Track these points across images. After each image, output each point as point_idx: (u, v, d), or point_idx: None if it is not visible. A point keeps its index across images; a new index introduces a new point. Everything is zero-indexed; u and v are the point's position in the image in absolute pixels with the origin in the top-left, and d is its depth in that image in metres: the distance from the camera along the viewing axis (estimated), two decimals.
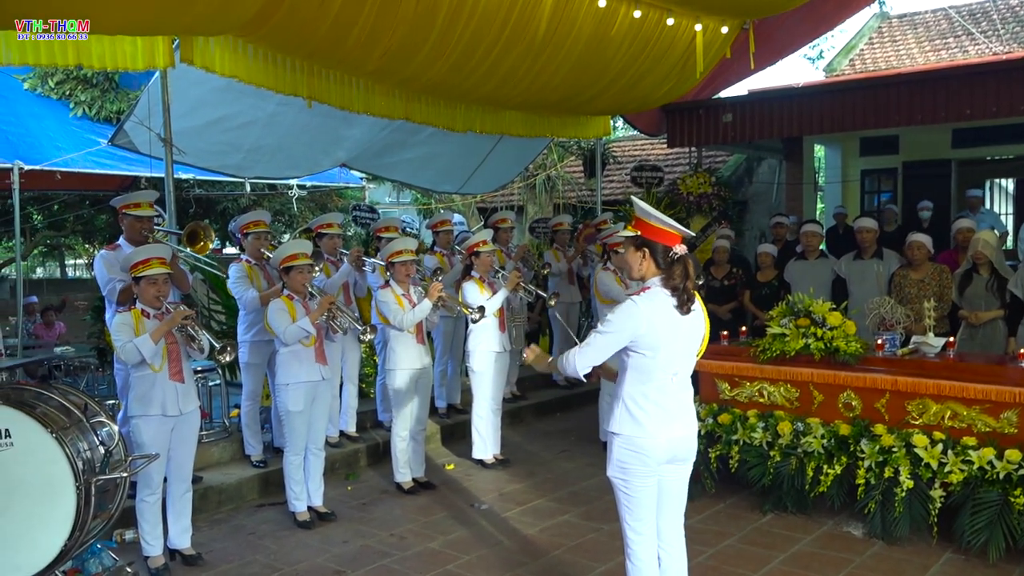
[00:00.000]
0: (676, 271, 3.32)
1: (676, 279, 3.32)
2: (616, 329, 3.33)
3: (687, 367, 3.47)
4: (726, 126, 10.29)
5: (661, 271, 3.36)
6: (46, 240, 18.98)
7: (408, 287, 6.11)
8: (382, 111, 7.67)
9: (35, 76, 11.00)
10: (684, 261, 3.32)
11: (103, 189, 12.03)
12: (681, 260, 3.32)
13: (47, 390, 4.55)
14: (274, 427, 6.56)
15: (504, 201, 16.43)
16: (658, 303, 3.33)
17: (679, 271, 3.32)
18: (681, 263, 3.32)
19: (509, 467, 6.85)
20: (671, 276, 3.33)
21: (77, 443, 4.26)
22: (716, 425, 5.86)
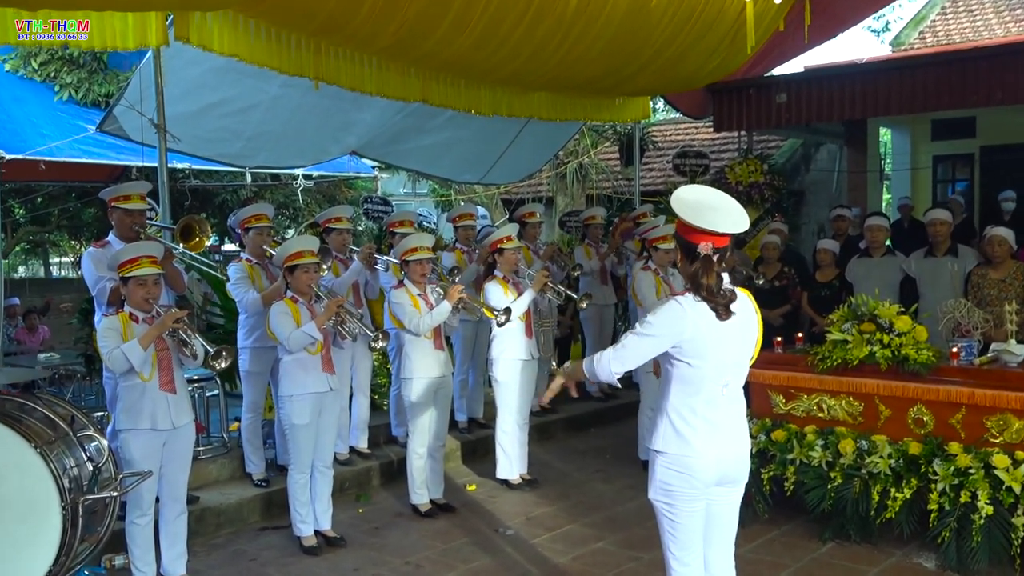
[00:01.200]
0: (697, 273, 3.29)
1: (699, 282, 3.29)
2: (657, 332, 3.31)
3: (738, 377, 3.44)
4: (780, 107, 10.21)
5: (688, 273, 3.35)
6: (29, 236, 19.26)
7: (425, 288, 6.12)
8: (396, 92, 7.70)
9: (17, 56, 11.16)
10: (707, 263, 3.29)
11: (91, 180, 12.18)
12: (703, 261, 3.29)
13: (30, 401, 4.61)
14: (277, 442, 6.60)
15: (531, 192, 16.42)
16: (704, 305, 3.32)
17: (701, 273, 3.28)
18: (702, 265, 3.29)
19: (538, 488, 6.85)
20: (694, 279, 3.31)
21: (63, 459, 4.31)
22: (769, 442, 5.80)
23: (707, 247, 3.29)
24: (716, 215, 3.30)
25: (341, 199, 16.81)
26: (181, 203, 12.53)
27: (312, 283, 5.54)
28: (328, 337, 5.54)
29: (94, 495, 4.32)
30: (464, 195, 17.13)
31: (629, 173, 13.70)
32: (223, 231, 14.85)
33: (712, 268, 3.29)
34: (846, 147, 13.33)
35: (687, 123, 16.85)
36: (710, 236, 3.29)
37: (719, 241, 3.31)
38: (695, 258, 3.31)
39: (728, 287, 3.31)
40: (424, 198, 19.49)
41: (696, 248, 3.31)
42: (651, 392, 6.66)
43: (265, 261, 6.42)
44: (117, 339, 4.68)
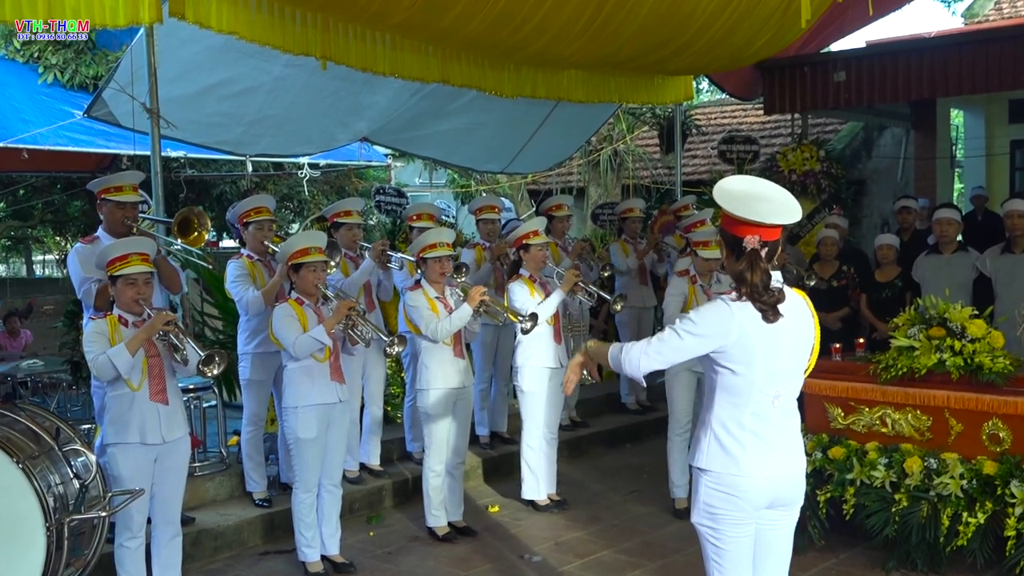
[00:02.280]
0: (742, 270, 3.28)
1: (745, 281, 3.27)
2: (699, 332, 3.30)
3: (791, 388, 3.42)
4: (838, 87, 10.14)
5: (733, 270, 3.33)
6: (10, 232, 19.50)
7: (443, 288, 6.14)
8: (412, 72, 7.71)
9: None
10: (753, 258, 3.27)
11: (78, 170, 12.32)
12: (749, 256, 3.28)
13: (12, 412, 4.67)
14: (281, 458, 6.64)
15: (561, 182, 16.41)
16: (752, 306, 3.30)
17: (747, 269, 3.27)
18: (748, 260, 3.28)
19: (567, 510, 6.84)
20: (739, 277, 3.29)
21: (48, 475, 4.36)
22: (826, 461, 5.76)
23: (754, 240, 3.28)
24: (764, 205, 3.29)
25: (351, 191, 16.90)
26: (176, 195, 12.67)
27: (319, 283, 5.56)
28: (337, 343, 5.57)
29: (81, 515, 4.36)
30: (486, 186, 17.16)
31: (670, 161, 13.65)
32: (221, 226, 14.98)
33: (759, 264, 3.27)
34: (913, 131, 13.21)
35: (734, 105, 16.76)
36: (757, 228, 3.27)
37: (767, 234, 3.29)
38: (741, 254, 3.30)
39: (777, 285, 3.29)
40: (442, 189, 19.53)
41: (742, 242, 3.30)
42: (681, 412, 6.62)
43: (267, 258, 6.46)
44: (104, 344, 4.72)
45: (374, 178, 18.27)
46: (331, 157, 12.77)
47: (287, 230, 15.38)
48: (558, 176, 16.30)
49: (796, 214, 3.31)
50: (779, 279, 3.33)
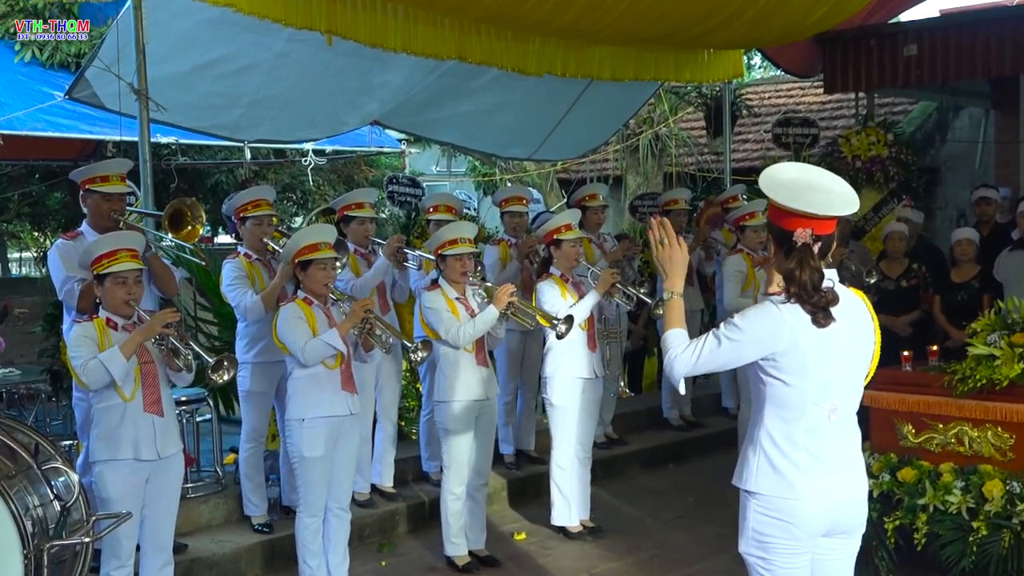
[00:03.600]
0: (791, 267, 3.28)
1: (794, 279, 3.27)
2: (745, 337, 3.31)
3: (850, 401, 3.43)
4: (908, 62, 10.08)
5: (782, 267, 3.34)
6: None
7: (465, 289, 6.16)
8: (427, 48, 7.74)
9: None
10: (803, 254, 3.27)
11: (58, 158, 12.43)
12: (800, 251, 3.28)
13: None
14: (283, 479, 6.68)
15: (595, 170, 16.40)
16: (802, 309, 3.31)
17: (796, 266, 3.27)
18: (798, 257, 3.28)
19: (602, 538, 6.85)
20: (788, 275, 3.29)
21: (25, 497, 4.40)
22: (895, 484, 5.73)
23: (805, 234, 3.28)
24: (817, 195, 3.30)
25: (360, 180, 16.95)
26: (167, 185, 12.76)
27: (328, 282, 5.59)
28: (350, 348, 5.59)
29: (62, 541, 4.40)
30: (511, 174, 17.18)
31: (718, 146, 13.62)
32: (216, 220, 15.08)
33: (810, 260, 3.28)
34: (993, 111, 13.09)
35: (791, 83, 16.67)
36: (809, 220, 3.28)
37: (820, 227, 3.30)
38: (791, 249, 3.30)
39: (829, 286, 3.29)
40: (462, 179, 19.57)
41: (791, 236, 3.30)
42: None
43: (267, 257, 6.50)
44: (92, 349, 4.77)
45: (386, 166, 18.33)
46: (338, 143, 12.82)
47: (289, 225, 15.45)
48: (592, 163, 16.28)
49: (853, 205, 3.32)
50: (832, 278, 3.33)
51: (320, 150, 13.41)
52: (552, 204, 16.23)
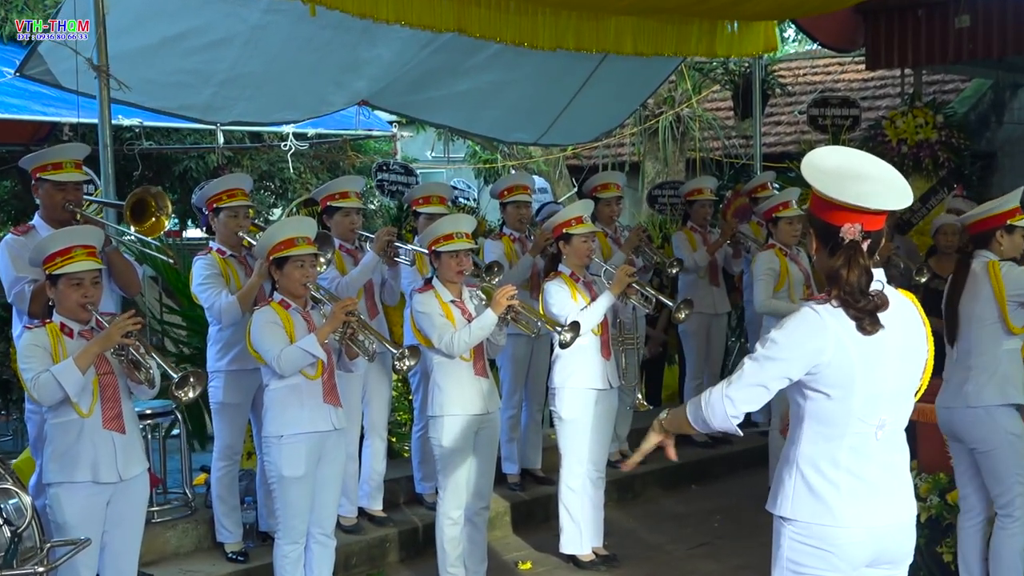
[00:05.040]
0: (838, 267, 3.28)
1: (840, 281, 3.27)
2: (784, 354, 3.31)
3: (899, 415, 3.43)
4: (960, 34, 10.07)
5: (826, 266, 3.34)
6: None
7: (461, 290, 6.16)
8: (422, 19, 7.74)
9: None
10: (852, 252, 3.27)
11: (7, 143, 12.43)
12: (848, 250, 3.28)
13: None
14: (260, 501, 6.69)
15: (610, 156, 16.40)
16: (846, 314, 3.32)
17: (843, 267, 3.27)
18: (845, 255, 3.28)
19: (617, 568, 6.85)
20: (834, 276, 3.29)
21: None
22: (945, 507, 5.73)
23: (854, 230, 3.28)
24: (867, 186, 3.29)
25: (347, 167, 16.94)
26: (129, 173, 12.76)
27: (308, 281, 5.60)
28: (332, 356, 5.60)
29: (13, 570, 4.41)
30: (515, 161, 17.17)
31: (747, 129, 13.59)
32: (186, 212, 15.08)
33: (860, 260, 3.27)
34: None
35: (828, 58, 16.66)
36: (858, 215, 3.28)
37: (870, 222, 3.30)
38: (836, 246, 3.30)
39: (878, 288, 3.30)
40: (460, 166, 19.56)
41: (838, 231, 3.30)
42: None
43: (243, 253, 6.50)
44: (45, 359, 4.77)
45: (376, 151, 18.32)
46: (322, 125, 12.81)
47: (267, 217, 15.47)
48: (606, 148, 16.28)
49: (907, 198, 3.32)
50: (881, 279, 3.33)
51: (301, 134, 13.39)
52: (561, 195, 16.22)
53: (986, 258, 5.34)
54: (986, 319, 5.25)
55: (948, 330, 5.39)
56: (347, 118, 12.47)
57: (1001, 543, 5.20)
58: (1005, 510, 5.21)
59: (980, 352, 5.26)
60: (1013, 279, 5.26)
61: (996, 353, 5.26)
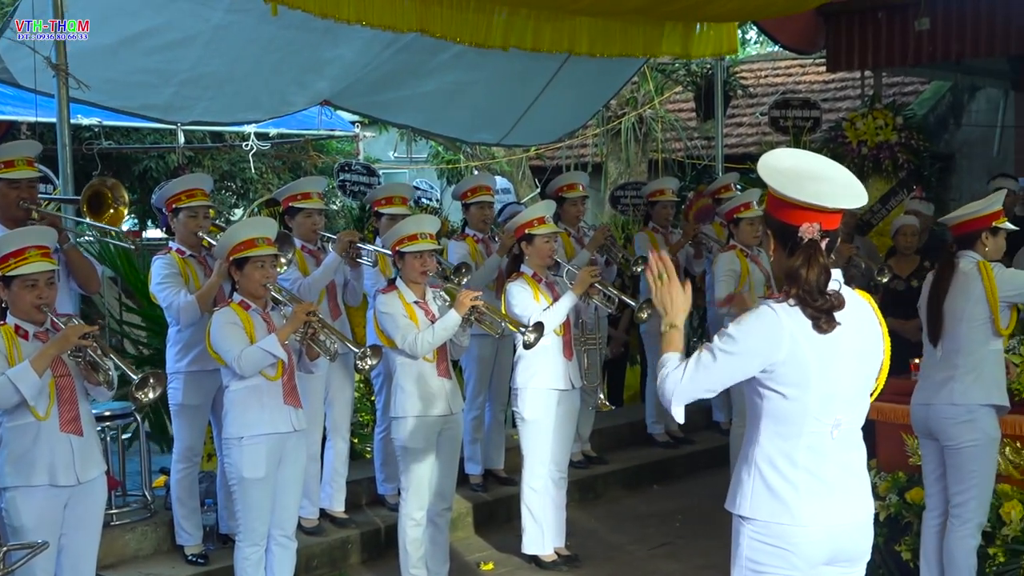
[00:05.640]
0: (797, 266, 3.30)
1: (799, 280, 3.29)
2: (741, 348, 3.33)
3: (856, 414, 3.46)
4: (920, 37, 10.16)
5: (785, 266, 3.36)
6: None
7: (425, 291, 6.15)
8: (383, 19, 7.72)
9: None
10: (811, 251, 3.30)
11: None
12: (807, 248, 3.30)
13: None
14: (220, 503, 6.66)
15: (572, 157, 16.43)
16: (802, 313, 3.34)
17: (802, 265, 3.29)
18: (804, 254, 3.30)
19: (579, 568, 6.86)
20: (793, 275, 3.31)
21: None
22: (903, 506, 5.79)
23: (813, 229, 3.31)
24: (823, 185, 3.33)
25: (309, 167, 16.89)
26: (88, 173, 12.65)
27: (268, 282, 5.58)
28: (293, 357, 5.59)
29: None
30: (479, 161, 17.17)
31: (709, 130, 13.67)
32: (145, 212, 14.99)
33: (819, 259, 3.30)
34: (1013, 92, 13.23)
35: (790, 60, 16.77)
36: (816, 214, 3.30)
37: (828, 221, 3.33)
38: (796, 246, 3.32)
39: (835, 288, 3.32)
40: (423, 166, 19.55)
41: (796, 231, 3.32)
42: None
43: (202, 253, 6.48)
44: (0, 362, 4.73)
45: (338, 152, 18.28)
46: (284, 125, 12.78)
47: (227, 217, 15.39)
48: (569, 149, 16.32)
49: (862, 198, 3.35)
50: (838, 279, 3.35)
51: (263, 133, 13.35)
52: (524, 195, 16.23)
53: (973, 258, 5.36)
54: (977, 318, 5.27)
55: (931, 328, 5.40)
56: (309, 118, 12.45)
57: (955, 544, 5.25)
58: (958, 509, 5.25)
59: (969, 351, 5.27)
60: (1006, 280, 5.29)
61: (983, 353, 5.28)
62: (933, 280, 5.46)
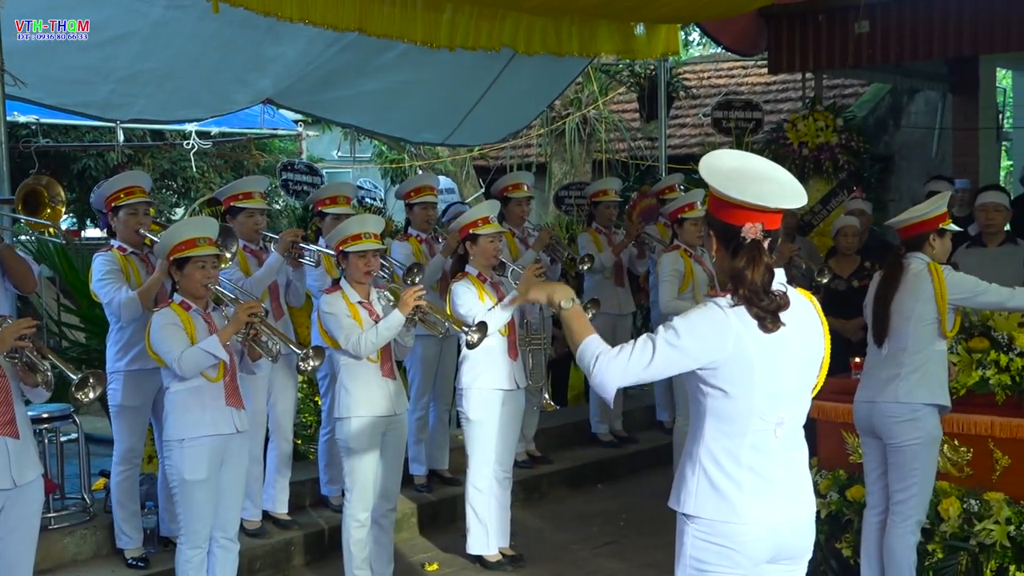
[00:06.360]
0: (741, 267, 3.33)
1: (744, 280, 3.32)
2: (684, 343, 3.34)
3: (798, 413, 3.49)
4: (860, 40, 10.25)
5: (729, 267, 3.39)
6: None
7: (369, 291, 6.14)
8: (325, 18, 7.68)
9: None
10: (754, 251, 3.33)
11: None
12: (750, 249, 3.33)
13: None
14: (162, 506, 6.60)
15: (517, 157, 16.45)
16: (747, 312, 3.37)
17: (747, 265, 3.32)
18: (748, 254, 3.33)
19: (524, 568, 6.87)
20: (736, 275, 3.34)
21: None
22: (844, 504, 5.85)
23: (755, 229, 3.33)
24: (765, 186, 3.35)
25: (251, 167, 16.79)
26: (26, 171, 12.49)
27: (209, 282, 5.54)
28: (235, 358, 5.55)
29: None
30: (423, 161, 17.14)
31: (652, 131, 13.75)
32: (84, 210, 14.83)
33: (762, 259, 3.32)
34: (951, 95, 13.41)
35: (732, 62, 16.90)
36: (758, 214, 3.33)
37: (770, 221, 3.35)
38: (738, 246, 3.35)
39: (780, 287, 3.35)
40: (367, 165, 19.47)
41: (739, 231, 3.34)
42: None
43: (143, 251, 6.43)
44: None
45: (280, 151, 18.17)
46: (225, 124, 12.70)
47: (168, 217, 15.26)
48: (513, 149, 16.33)
49: (802, 198, 3.38)
50: (782, 279, 3.38)
51: (205, 132, 13.27)
52: (468, 195, 16.23)
53: (923, 260, 5.41)
54: (926, 319, 5.31)
55: (877, 328, 5.44)
56: (251, 117, 12.38)
57: (895, 540, 5.31)
58: (899, 507, 5.31)
59: (916, 350, 5.32)
60: (955, 283, 5.34)
61: (929, 353, 5.33)
62: (881, 280, 5.51)
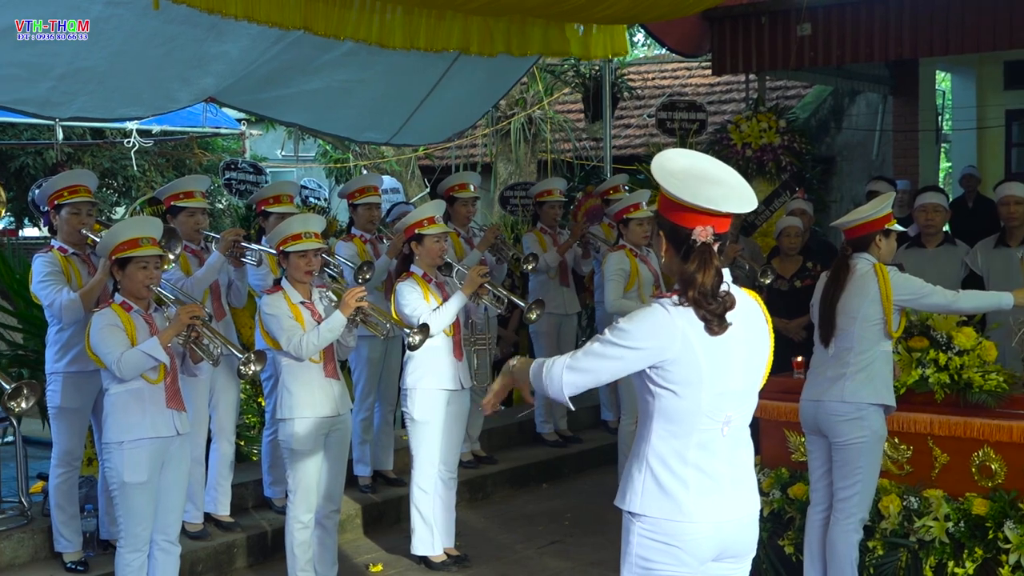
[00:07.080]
0: (692, 270, 3.34)
1: (694, 283, 3.33)
2: (632, 343, 3.36)
3: (744, 412, 3.51)
4: (802, 43, 10.35)
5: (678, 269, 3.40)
6: None
7: (311, 291, 6.11)
8: (269, 16, 7.64)
9: None
10: (705, 254, 3.34)
11: None
12: (701, 252, 3.35)
13: None
14: (102, 509, 6.54)
15: (462, 157, 16.44)
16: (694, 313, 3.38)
17: (697, 270, 3.33)
18: (699, 257, 3.34)
19: (469, 568, 6.87)
20: (687, 278, 3.35)
21: None
22: (786, 501, 5.91)
23: (706, 232, 3.34)
24: (715, 189, 3.36)
25: (193, 165, 16.66)
26: None
27: (151, 283, 5.49)
28: (176, 360, 5.51)
29: None
30: (367, 161, 17.08)
31: (597, 131, 13.78)
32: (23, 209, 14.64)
33: (712, 262, 3.34)
34: (891, 97, 13.58)
35: (676, 63, 16.99)
36: (709, 217, 3.34)
37: (720, 224, 3.37)
38: (689, 249, 3.36)
39: (726, 289, 3.37)
40: (311, 164, 19.38)
41: (690, 234, 3.36)
42: None
43: (85, 251, 6.36)
44: None
45: (223, 149, 18.05)
46: (167, 122, 12.58)
47: (109, 216, 15.10)
48: (458, 149, 16.31)
49: (752, 201, 3.40)
50: (728, 279, 3.40)
51: (146, 130, 13.14)
52: (413, 195, 16.20)
53: (869, 260, 5.45)
54: (872, 319, 5.35)
55: (823, 328, 5.49)
56: (194, 115, 12.29)
57: (838, 537, 5.37)
58: (843, 504, 5.37)
59: (861, 350, 5.36)
60: (900, 284, 5.40)
61: (875, 353, 5.37)
62: (827, 281, 5.56)
